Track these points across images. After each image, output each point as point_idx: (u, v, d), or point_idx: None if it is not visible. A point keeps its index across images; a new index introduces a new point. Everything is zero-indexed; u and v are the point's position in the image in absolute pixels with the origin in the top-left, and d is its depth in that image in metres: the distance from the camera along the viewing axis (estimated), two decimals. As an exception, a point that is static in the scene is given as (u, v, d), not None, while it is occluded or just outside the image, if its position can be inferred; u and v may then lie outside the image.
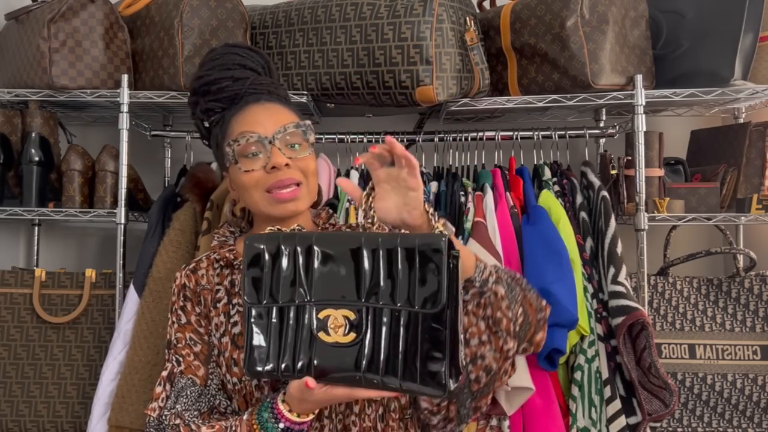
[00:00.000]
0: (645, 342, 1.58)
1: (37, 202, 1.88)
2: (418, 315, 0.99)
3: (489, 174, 1.82)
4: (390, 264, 1.01)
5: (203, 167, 1.86)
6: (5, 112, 1.93)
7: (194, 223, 1.76)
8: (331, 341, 1.02)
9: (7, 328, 1.85)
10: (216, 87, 1.32)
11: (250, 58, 1.36)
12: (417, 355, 0.99)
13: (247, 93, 1.31)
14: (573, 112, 2.04)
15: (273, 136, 1.23)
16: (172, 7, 1.80)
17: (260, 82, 1.33)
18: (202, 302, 1.27)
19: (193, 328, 1.26)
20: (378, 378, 1.00)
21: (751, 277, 1.80)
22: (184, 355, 1.25)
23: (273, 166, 1.22)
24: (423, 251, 1.00)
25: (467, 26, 1.72)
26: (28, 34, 1.87)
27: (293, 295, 1.04)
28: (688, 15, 1.81)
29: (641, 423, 1.59)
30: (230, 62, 1.34)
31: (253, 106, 1.28)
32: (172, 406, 1.21)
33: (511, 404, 1.58)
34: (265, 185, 1.23)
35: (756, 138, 1.87)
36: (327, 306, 1.03)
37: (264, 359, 1.05)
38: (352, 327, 1.01)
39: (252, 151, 1.24)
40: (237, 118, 1.28)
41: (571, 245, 1.66)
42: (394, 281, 1.00)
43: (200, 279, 1.29)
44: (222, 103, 1.33)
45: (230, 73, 1.32)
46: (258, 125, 1.25)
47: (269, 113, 1.27)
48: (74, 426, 1.82)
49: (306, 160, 1.25)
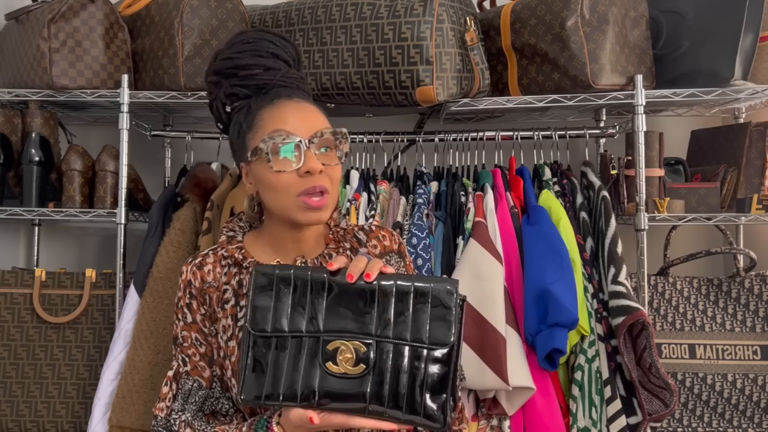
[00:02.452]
0: (645, 342, 1.58)
1: (37, 202, 1.88)
2: (428, 352, 1.06)
3: (489, 174, 1.82)
4: (401, 302, 1.07)
5: (203, 167, 1.86)
6: (5, 112, 1.93)
7: (194, 223, 1.76)
8: (338, 372, 1.05)
9: (7, 328, 1.85)
10: (245, 72, 1.26)
11: (283, 48, 1.30)
12: (422, 390, 1.05)
13: (277, 85, 1.26)
14: (573, 112, 2.04)
15: (310, 139, 1.18)
16: (172, 7, 1.80)
17: (291, 75, 1.28)
18: (207, 301, 1.24)
19: (198, 328, 1.24)
20: (383, 409, 1.04)
21: (751, 277, 1.80)
22: (190, 355, 1.23)
23: (307, 170, 1.17)
24: (436, 294, 1.07)
25: (467, 26, 1.72)
26: (28, 34, 1.87)
27: (301, 326, 1.07)
28: (688, 15, 1.81)
29: (641, 423, 1.59)
30: (263, 49, 1.27)
31: (286, 103, 1.22)
32: (180, 409, 1.20)
33: (512, 404, 1.58)
34: (297, 190, 1.18)
35: (756, 138, 1.87)
36: (337, 338, 1.07)
37: (263, 386, 1.06)
38: (361, 360, 1.05)
39: (286, 150, 1.18)
40: (268, 112, 1.22)
41: (571, 245, 1.66)
42: (406, 319, 1.06)
43: (206, 276, 1.25)
44: (248, 90, 1.27)
45: (263, 61, 1.26)
46: (293, 125, 1.19)
47: (304, 114, 1.21)
48: (74, 426, 1.82)
49: (335, 169, 1.21)
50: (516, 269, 1.66)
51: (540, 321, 1.57)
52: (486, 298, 1.59)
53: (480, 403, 1.63)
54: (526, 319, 1.59)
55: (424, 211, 1.73)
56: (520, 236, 1.69)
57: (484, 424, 1.61)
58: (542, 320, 1.56)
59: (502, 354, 1.54)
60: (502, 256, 1.64)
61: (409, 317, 1.06)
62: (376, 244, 1.31)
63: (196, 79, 1.79)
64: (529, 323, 1.59)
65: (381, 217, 1.75)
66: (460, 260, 1.66)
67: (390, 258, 1.31)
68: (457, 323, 1.07)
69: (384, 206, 1.78)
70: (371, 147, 1.96)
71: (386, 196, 1.80)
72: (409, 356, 1.05)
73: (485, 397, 1.60)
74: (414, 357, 1.05)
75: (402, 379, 1.05)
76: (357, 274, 1.08)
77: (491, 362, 1.54)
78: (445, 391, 1.05)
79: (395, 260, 1.32)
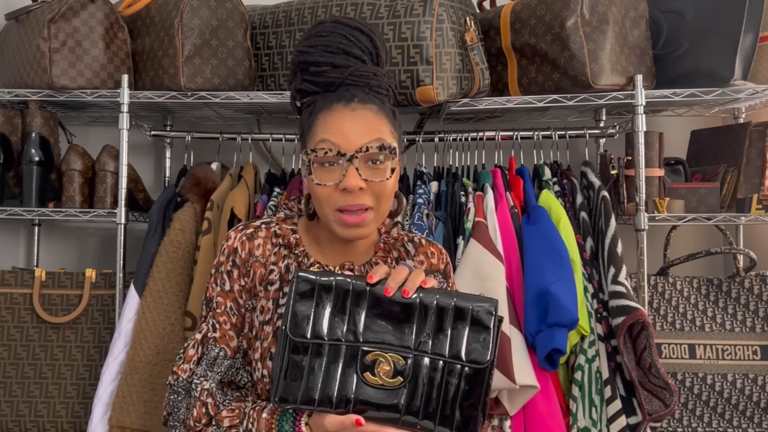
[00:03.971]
0: (645, 342, 1.58)
1: (37, 202, 1.88)
2: (463, 368, 1.09)
3: (489, 174, 1.82)
4: (441, 319, 1.09)
5: (203, 167, 1.86)
6: (5, 112, 1.93)
7: (194, 223, 1.76)
8: (376, 383, 1.08)
9: (7, 328, 1.85)
10: (314, 69, 1.23)
11: (357, 43, 1.24)
12: (456, 404, 1.08)
13: (345, 83, 1.22)
14: (573, 112, 2.04)
15: (354, 153, 1.15)
16: (172, 7, 1.80)
17: (360, 73, 1.22)
18: (250, 275, 1.23)
19: (234, 297, 1.22)
20: (416, 421, 1.08)
21: (751, 277, 1.80)
22: (221, 322, 1.22)
23: (345, 188, 1.14)
24: (476, 314, 1.09)
25: (467, 26, 1.72)
26: (28, 34, 1.87)
27: (340, 334, 1.09)
28: (688, 15, 1.81)
29: (641, 423, 1.59)
30: (335, 45, 1.23)
31: (342, 110, 1.18)
32: (203, 374, 1.19)
33: (514, 404, 1.58)
34: (335, 204, 1.16)
35: (756, 138, 1.87)
36: (377, 349, 1.09)
37: (299, 390, 1.08)
38: (398, 372, 1.08)
39: (329, 161, 1.16)
40: (323, 118, 1.19)
41: (571, 245, 1.66)
42: (445, 335, 1.09)
43: (255, 249, 1.23)
44: (317, 86, 1.24)
45: (332, 59, 1.22)
46: (341, 136, 1.16)
47: (357, 123, 1.17)
48: (74, 426, 1.82)
49: (383, 185, 1.17)
50: (516, 269, 1.66)
51: (540, 321, 1.57)
52: None
53: (480, 403, 1.63)
54: (526, 319, 1.59)
55: (424, 211, 1.73)
56: (520, 236, 1.69)
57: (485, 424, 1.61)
58: (542, 320, 1.56)
59: (508, 353, 1.54)
60: (503, 256, 1.64)
61: (448, 334, 1.09)
62: (423, 260, 1.31)
63: (196, 79, 1.79)
64: (529, 323, 1.59)
65: (381, 217, 1.75)
66: (461, 261, 1.66)
67: (435, 277, 1.30)
68: (494, 343, 1.09)
69: (384, 206, 1.78)
70: (371, 147, 1.96)
71: (386, 196, 1.80)
72: (444, 371, 1.08)
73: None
74: (449, 372, 1.08)
75: (436, 392, 1.08)
76: (395, 288, 1.09)
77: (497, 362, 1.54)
78: (477, 407, 1.09)
79: (439, 281, 1.32)
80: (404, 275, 1.10)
